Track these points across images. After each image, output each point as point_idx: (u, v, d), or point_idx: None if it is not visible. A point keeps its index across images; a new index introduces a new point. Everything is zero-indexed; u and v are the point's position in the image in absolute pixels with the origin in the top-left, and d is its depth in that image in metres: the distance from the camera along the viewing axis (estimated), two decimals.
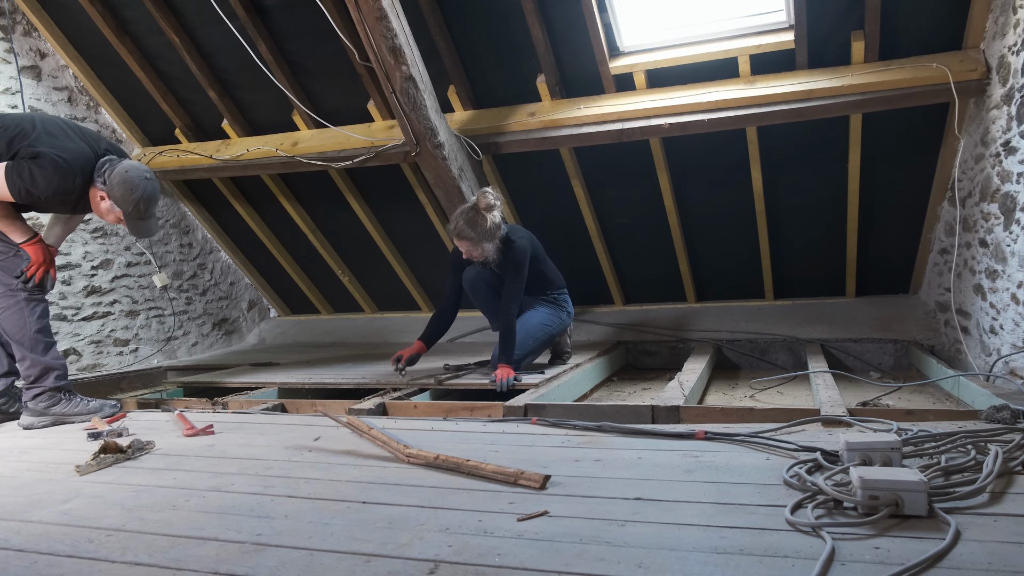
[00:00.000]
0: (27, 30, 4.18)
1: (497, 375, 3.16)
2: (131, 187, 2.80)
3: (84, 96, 4.49)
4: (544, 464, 2.04)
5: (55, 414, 2.95)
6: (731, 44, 3.47)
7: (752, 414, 2.57)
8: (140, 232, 2.90)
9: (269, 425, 2.77)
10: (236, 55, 3.95)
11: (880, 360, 4.06)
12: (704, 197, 4.14)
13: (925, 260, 4.04)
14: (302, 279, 5.41)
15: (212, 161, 4.39)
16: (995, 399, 2.51)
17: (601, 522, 1.57)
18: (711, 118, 3.50)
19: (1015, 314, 2.99)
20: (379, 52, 3.17)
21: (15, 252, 2.89)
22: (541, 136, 3.81)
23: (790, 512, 1.54)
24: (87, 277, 4.35)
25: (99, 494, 1.96)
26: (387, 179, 4.46)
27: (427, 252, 4.93)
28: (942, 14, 3.16)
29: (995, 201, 3.07)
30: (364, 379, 3.53)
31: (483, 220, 3.22)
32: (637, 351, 4.57)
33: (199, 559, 1.47)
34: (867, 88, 3.27)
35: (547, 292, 3.65)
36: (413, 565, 1.39)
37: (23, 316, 2.88)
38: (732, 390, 3.69)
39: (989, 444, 1.92)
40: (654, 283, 4.72)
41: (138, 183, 2.81)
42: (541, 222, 4.42)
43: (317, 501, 1.81)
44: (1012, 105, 2.89)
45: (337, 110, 4.19)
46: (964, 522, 1.46)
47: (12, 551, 1.57)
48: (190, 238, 5.16)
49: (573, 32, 3.58)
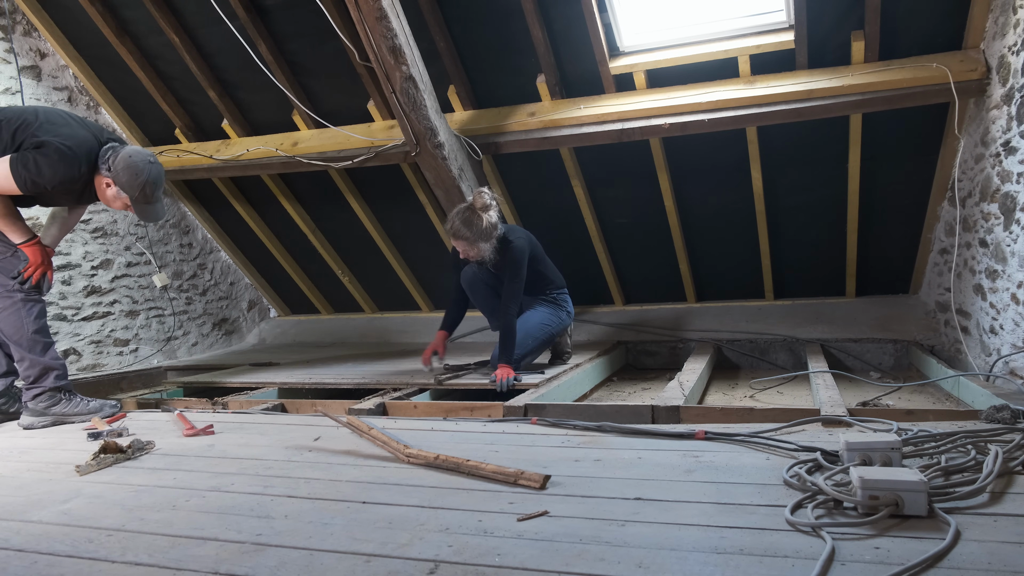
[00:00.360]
0: (27, 30, 4.18)
1: (497, 375, 3.16)
2: (136, 171, 2.79)
3: (84, 96, 4.49)
4: (544, 464, 2.04)
5: (55, 414, 2.94)
6: (731, 44, 3.47)
7: (752, 414, 2.57)
8: (148, 216, 2.90)
9: (269, 425, 2.77)
10: (236, 55, 3.95)
11: (880, 360, 4.06)
12: (704, 197, 4.14)
13: (925, 260, 4.04)
14: (302, 279, 5.41)
15: (212, 161, 4.39)
16: (995, 399, 2.51)
17: (601, 522, 1.57)
18: (711, 118, 3.50)
19: (1015, 314, 2.99)
20: (379, 52, 3.17)
21: (13, 252, 2.89)
22: (541, 136, 3.81)
23: (790, 512, 1.54)
24: (87, 277, 4.35)
25: (99, 494, 1.96)
26: (387, 179, 4.46)
27: (427, 252, 4.92)
28: (942, 14, 3.16)
29: (995, 201, 3.07)
30: (364, 379, 3.53)
31: (479, 220, 3.23)
32: (637, 351, 4.57)
33: (199, 559, 1.47)
34: (867, 88, 3.27)
35: (547, 292, 3.65)
36: (413, 565, 1.39)
37: (20, 317, 2.88)
38: (732, 390, 3.69)
39: (989, 444, 1.92)
40: (654, 283, 4.72)
41: (143, 167, 2.81)
42: (541, 222, 4.42)
43: (317, 501, 1.81)
44: (1012, 105, 2.89)
45: (337, 110, 4.19)
46: (964, 522, 1.46)
47: (12, 551, 1.57)
48: (190, 238, 5.16)
49: (573, 32, 3.58)
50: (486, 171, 4.20)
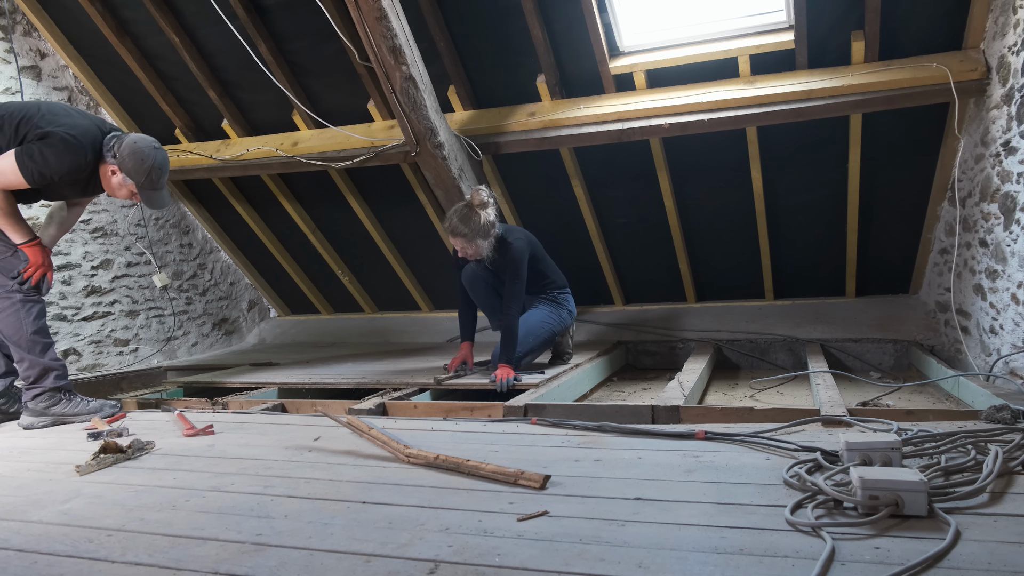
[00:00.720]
0: (27, 30, 4.18)
1: (497, 375, 3.16)
2: (142, 157, 2.81)
3: (84, 96, 4.49)
4: (544, 464, 2.04)
5: (55, 414, 2.94)
6: (731, 44, 3.47)
7: (752, 414, 2.57)
8: (154, 203, 2.91)
9: (269, 425, 2.77)
10: (236, 55, 3.95)
11: (880, 360, 4.06)
12: (704, 197, 4.14)
13: (925, 260, 4.04)
14: (302, 279, 5.41)
15: (212, 161, 4.39)
16: (995, 399, 2.51)
17: (601, 522, 1.57)
18: (711, 118, 3.50)
19: (1015, 314, 2.99)
20: (379, 52, 3.17)
21: (13, 252, 2.89)
22: (541, 136, 3.81)
23: (790, 512, 1.54)
24: (87, 277, 4.35)
25: (99, 494, 1.96)
26: (387, 179, 4.46)
27: (427, 252, 4.92)
28: (942, 14, 3.16)
29: (995, 201, 3.07)
30: (364, 379, 3.53)
31: (477, 217, 3.24)
32: (637, 351, 4.57)
33: (199, 559, 1.47)
34: (867, 88, 3.27)
35: (548, 291, 3.66)
36: (413, 565, 1.39)
37: (19, 318, 2.87)
38: (732, 390, 3.69)
39: (989, 444, 1.92)
40: (654, 283, 4.72)
41: (149, 152, 2.83)
42: (541, 222, 4.42)
43: (317, 501, 1.81)
44: (1012, 105, 2.89)
45: (337, 110, 4.19)
46: (964, 522, 1.46)
47: (12, 551, 1.57)
48: (190, 238, 5.16)
49: (573, 32, 3.58)
50: (486, 171, 4.20)
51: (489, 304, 3.59)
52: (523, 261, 3.37)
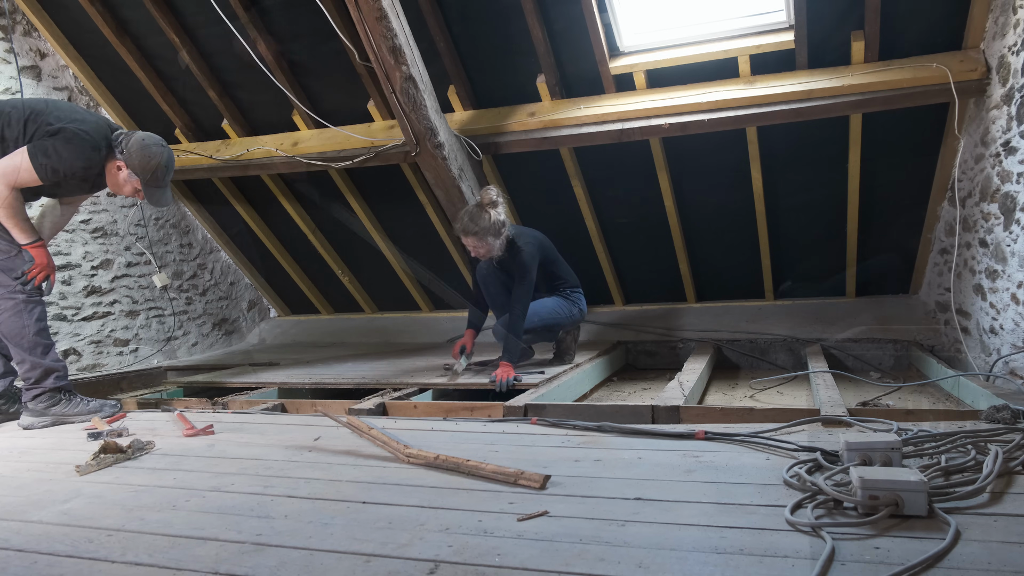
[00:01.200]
0: (27, 30, 4.18)
1: (497, 375, 3.16)
2: (149, 154, 2.84)
3: (84, 96, 4.49)
4: (544, 464, 2.04)
5: (55, 414, 2.94)
6: (731, 44, 3.47)
7: (752, 414, 2.57)
8: (157, 201, 2.94)
9: (269, 425, 2.77)
10: (236, 55, 3.95)
11: (880, 360, 4.06)
12: (704, 197, 4.14)
13: (925, 260, 4.04)
14: (302, 279, 5.41)
15: (212, 161, 4.39)
16: (995, 399, 2.51)
17: (601, 522, 1.57)
18: (711, 118, 3.50)
19: (1015, 314, 2.99)
20: (379, 52, 3.17)
21: (16, 253, 2.88)
22: (541, 136, 3.81)
23: (790, 512, 1.54)
24: (87, 277, 4.35)
25: (99, 494, 1.96)
26: (387, 179, 4.46)
27: (427, 252, 4.92)
28: (942, 14, 3.15)
29: (995, 201, 3.07)
30: (364, 379, 3.53)
31: (486, 215, 3.29)
32: (637, 351, 4.57)
33: (199, 559, 1.47)
34: (867, 88, 3.27)
35: (561, 289, 3.73)
36: (413, 565, 1.39)
37: (22, 319, 2.87)
38: (732, 390, 3.69)
39: (989, 444, 1.92)
40: (654, 283, 4.72)
41: (156, 150, 2.87)
42: (541, 222, 4.41)
43: (317, 501, 1.81)
44: (1012, 105, 2.89)
45: (337, 110, 4.19)
46: (964, 522, 1.46)
47: (12, 551, 1.56)
48: (190, 238, 5.16)
49: (573, 32, 3.58)
50: (486, 171, 4.20)
51: (499, 302, 3.62)
52: (532, 264, 3.42)
